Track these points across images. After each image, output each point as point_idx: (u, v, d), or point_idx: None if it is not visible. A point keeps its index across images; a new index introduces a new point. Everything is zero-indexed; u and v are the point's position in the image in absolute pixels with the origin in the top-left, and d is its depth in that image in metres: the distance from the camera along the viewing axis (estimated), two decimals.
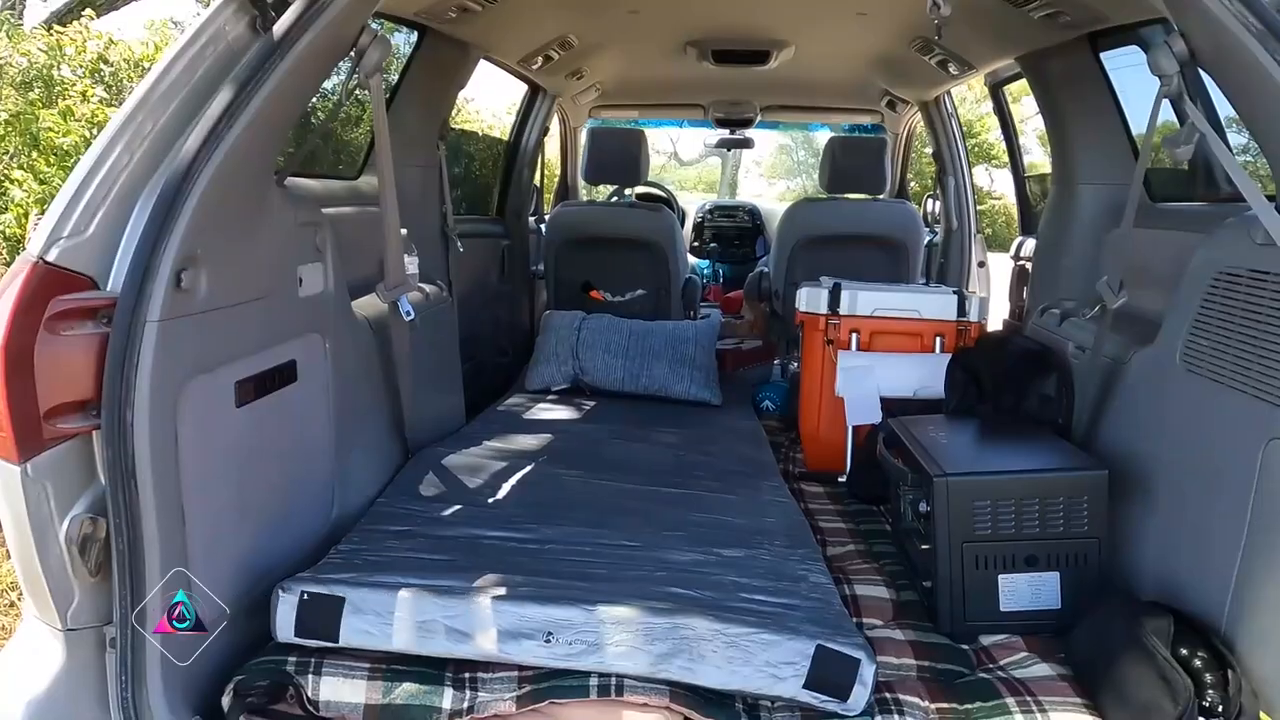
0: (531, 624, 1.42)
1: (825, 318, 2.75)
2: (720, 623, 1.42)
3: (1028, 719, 1.40)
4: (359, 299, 2.14)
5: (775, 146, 19.25)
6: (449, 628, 1.42)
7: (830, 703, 1.39)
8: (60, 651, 1.29)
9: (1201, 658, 1.35)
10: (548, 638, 1.41)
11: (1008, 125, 3.75)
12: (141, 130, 1.33)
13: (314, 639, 1.44)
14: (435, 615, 1.43)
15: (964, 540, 1.70)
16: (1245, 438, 1.39)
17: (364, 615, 1.43)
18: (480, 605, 1.43)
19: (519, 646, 1.41)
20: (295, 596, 1.44)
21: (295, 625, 1.44)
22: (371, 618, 1.43)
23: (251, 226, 1.58)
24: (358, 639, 1.43)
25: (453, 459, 2.30)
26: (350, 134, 3.32)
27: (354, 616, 1.43)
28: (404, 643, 1.43)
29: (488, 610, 1.43)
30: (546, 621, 1.42)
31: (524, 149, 3.94)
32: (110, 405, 1.26)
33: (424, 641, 1.42)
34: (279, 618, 1.44)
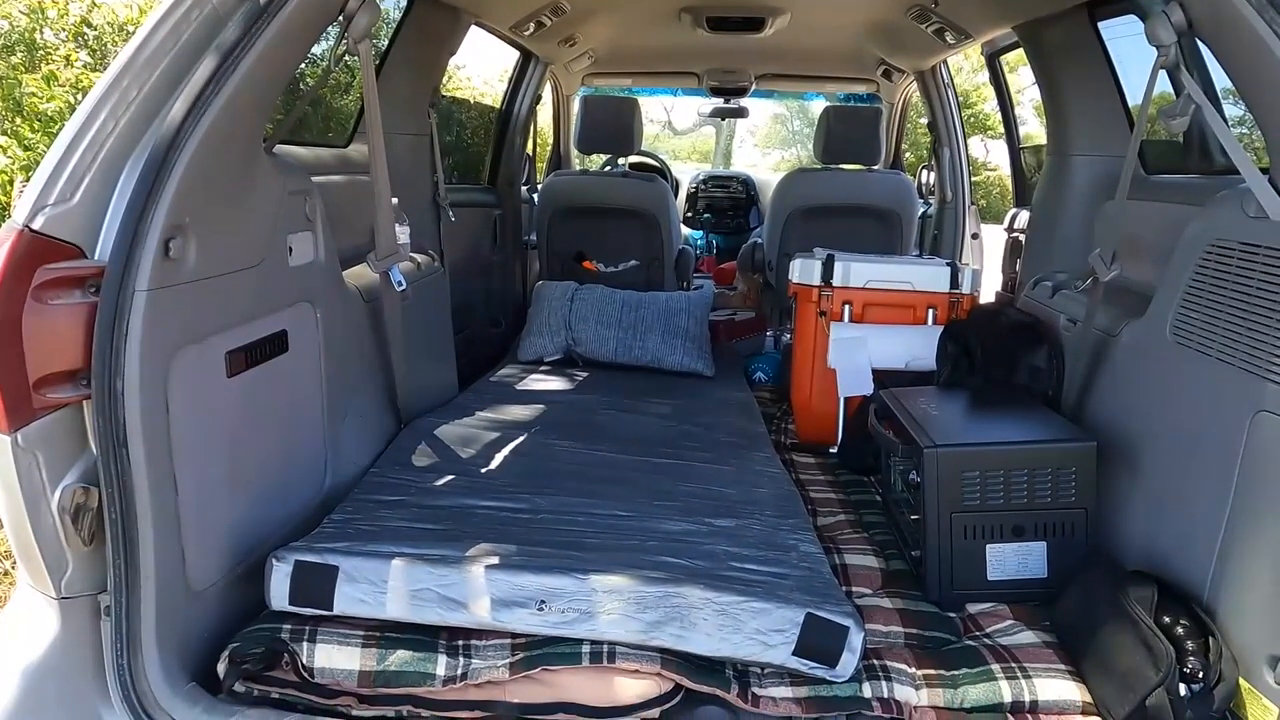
0: (524, 592, 1.43)
1: (818, 289, 2.75)
2: (711, 591, 1.44)
3: (1012, 685, 1.43)
4: (350, 269, 2.13)
5: (770, 116, 19.07)
6: (442, 596, 1.43)
7: (819, 669, 1.41)
8: (55, 620, 1.30)
9: (1184, 625, 1.37)
10: (540, 606, 1.42)
11: (1004, 95, 3.73)
12: (126, 96, 1.31)
13: (308, 607, 1.45)
14: (429, 584, 1.44)
15: (953, 510, 1.72)
16: (1233, 410, 1.40)
17: (358, 584, 1.44)
18: (473, 574, 1.45)
19: (512, 614, 1.43)
20: (289, 566, 1.45)
21: (289, 594, 1.45)
22: (365, 586, 1.44)
23: (240, 195, 1.56)
24: (351, 607, 1.44)
25: (445, 429, 2.30)
26: (339, 101, 3.27)
27: (348, 585, 1.44)
28: (397, 611, 1.44)
29: (481, 579, 1.44)
30: (539, 590, 1.43)
31: (516, 117, 3.90)
32: (100, 375, 1.26)
33: (417, 610, 1.44)
34: (273, 587, 1.45)
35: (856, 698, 1.41)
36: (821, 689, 1.42)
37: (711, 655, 1.42)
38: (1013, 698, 1.41)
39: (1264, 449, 1.34)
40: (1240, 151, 1.46)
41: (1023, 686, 1.43)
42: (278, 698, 1.41)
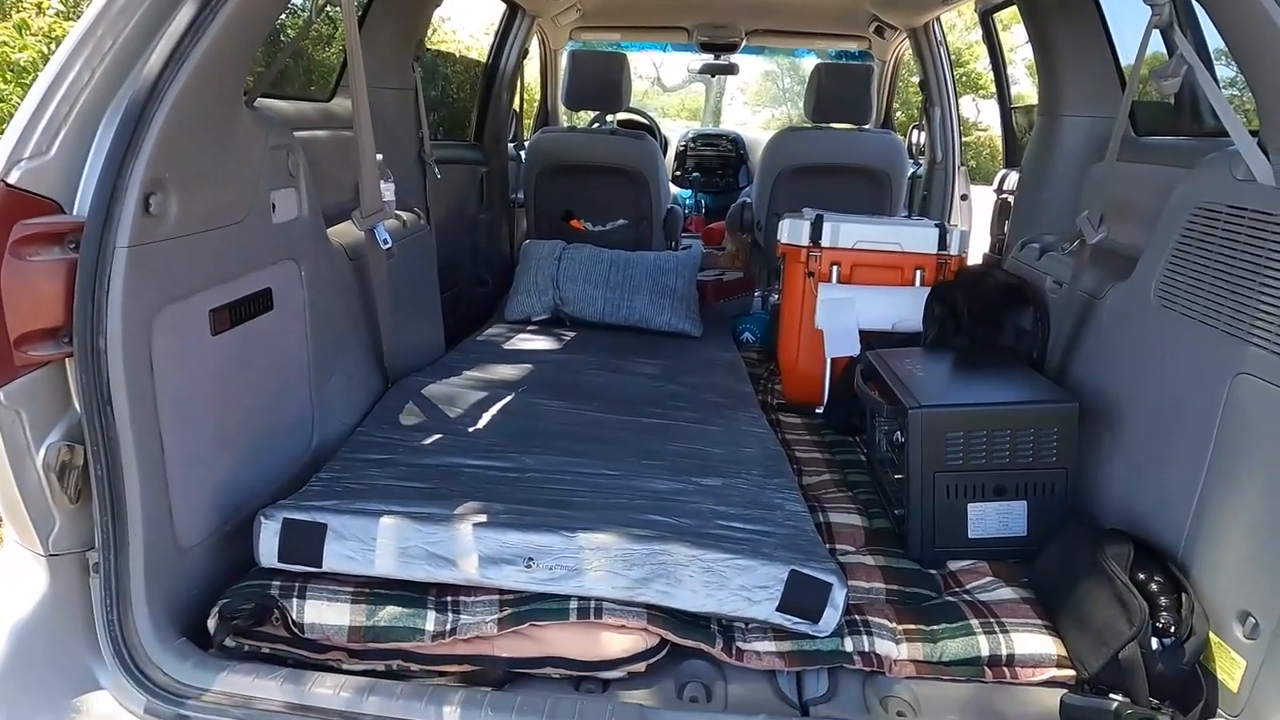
0: (512, 550, 1.44)
1: (806, 250, 2.74)
2: (697, 549, 1.46)
3: (990, 639, 1.46)
4: (334, 226, 2.10)
5: (760, 73, 18.84)
6: (430, 553, 1.45)
7: (802, 624, 1.44)
8: (44, 577, 1.30)
9: (1158, 582, 1.40)
10: (528, 563, 1.44)
11: (997, 54, 3.69)
12: (101, 46, 1.27)
13: (297, 564, 1.46)
14: (417, 541, 1.45)
15: (936, 470, 1.74)
16: (1213, 372, 1.42)
17: (346, 541, 1.45)
18: (461, 532, 1.46)
19: (499, 572, 1.44)
20: (277, 524, 1.46)
21: (278, 551, 1.46)
22: (354, 544, 1.45)
23: (221, 149, 1.53)
24: (340, 565, 1.45)
25: (433, 388, 2.30)
26: (321, 53, 3.20)
27: (336, 543, 1.45)
28: (386, 568, 1.45)
29: (469, 537, 1.45)
30: (527, 547, 1.44)
31: (502, 72, 3.83)
32: (82, 332, 1.24)
33: (406, 567, 1.45)
34: (262, 544, 1.46)
35: (838, 651, 1.44)
36: (804, 643, 1.45)
37: (697, 611, 1.45)
38: (990, 651, 1.45)
39: (1242, 410, 1.36)
40: (1231, 114, 1.45)
41: (1000, 641, 1.46)
42: (268, 652, 1.42)
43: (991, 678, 1.43)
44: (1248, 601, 1.28)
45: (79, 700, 1.28)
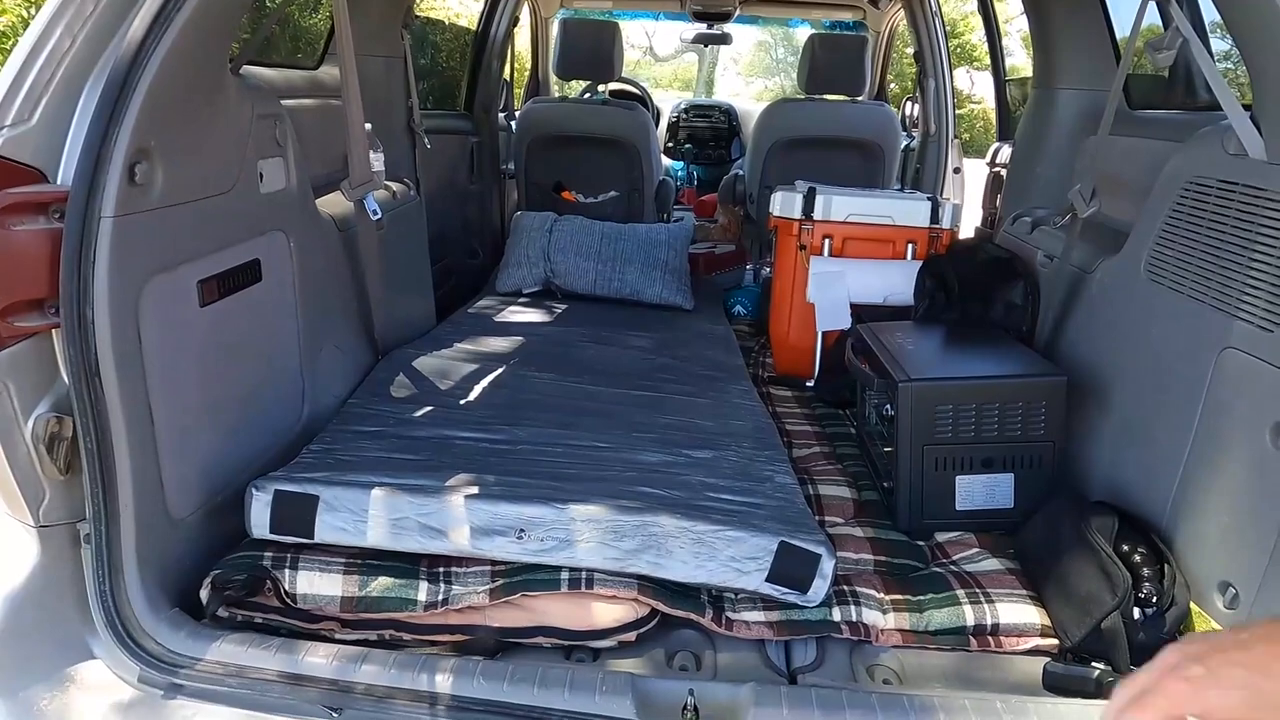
0: (503, 521, 1.45)
1: (799, 223, 2.73)
2: (687, 520, 1.47)
3: (975, 609, 1.49)
4: (323, 197, 2.08)
5: (754, 43, 18.64)
6: (422, 525, 1.45)
7: (791, 594, 1.45)
8: (35, 548, 1.30)
9: (1141, 553, 1.42)
10: (520, 534, 1.45)
11: (992, 25, 3.66)
12: (83, 11, 1.25)
13: (289, 535, 1.46)
14: (409, 513, 1.46)
15: (925, 443, 1.75)
16: (1200, 346, 1.43)
17: (338, 513, 1.45)
18: (453, 503, 1.46)
19: (491, 543, 1.45)
20: (269, 495, 1.46)
21: (270, 523, 1.46)
22: (346, 515, 1.45)
23: (207, 117, 1.51)
24: (332, 536, 1.46)
25: (424, 361, 2.29)
26: (308, 20, 3.15)
27: (328, 514, 1.45)
28: (378, 540, 1.46)
29: (460, 508, 1.46)
30: (518, 519, 1.45)
31: (493, 40, 3.78)
32: (68, 303, 1.23)
33: (397, 538, 1.46)
34: (253, 515, 1.46)
35: (826, 621, 1.46)
36: (793, 613, 1.47)
37: (687, 582, 1.46)
38: (975, 621, 1.47)
39: (1228, 384, 1.37)
40: (1225, 87, 1.45)
41: (985, 610, 1.48)
42: (261, 623, 1.43)
43: (976, 647, 1.46)
44: (1228, 572, 1.31)
45: (72, 670, 1.29)
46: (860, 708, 1.20)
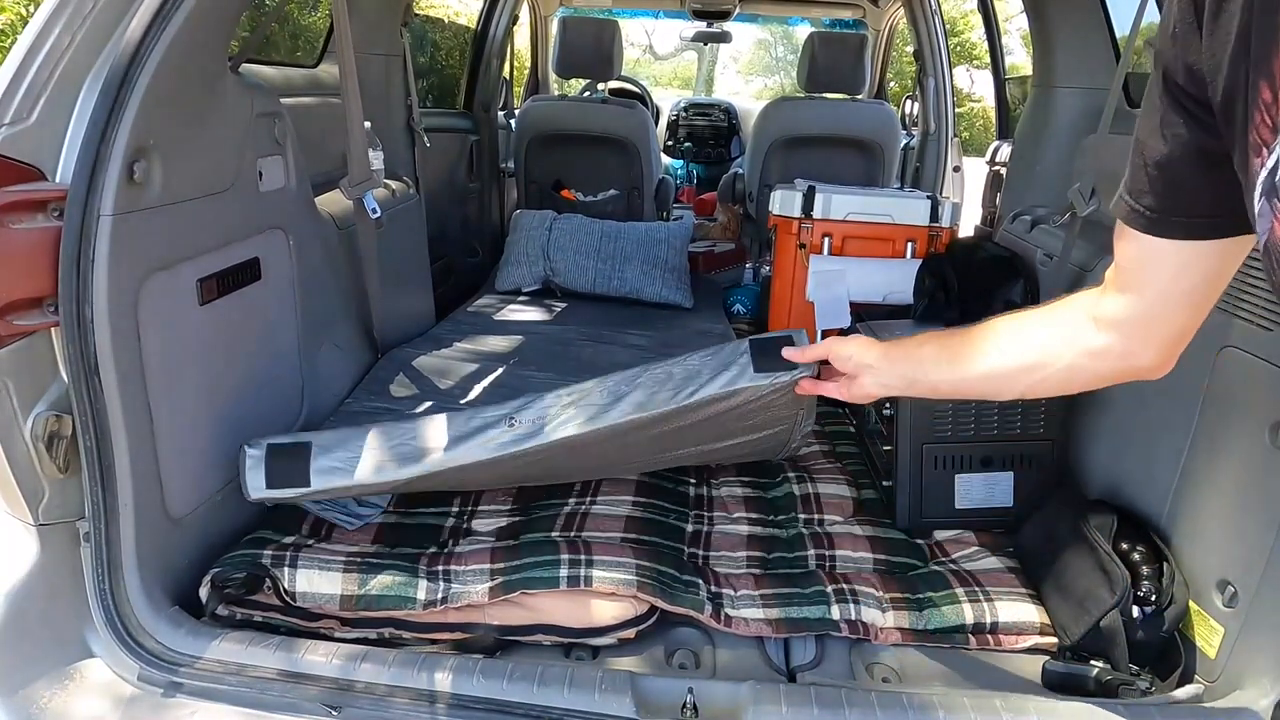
0: (494, 417, 1.47)
1: (798, 221, 2.73)
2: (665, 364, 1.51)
3: (974, 607, 1.49)
4: (322, 195, 2.08)
5: (754, 42, 18.65)
6: (417, 447, 1.46)
7: (784, 375, 1.46)
8: (34, 546, 1.30)
9: (1140, 552, 1.43)
10: (511, 421, 1.45)
11: (992, 23, 3.66)
12: (82, 9, 1.24)
13: (286, 487, 1.46)
14: (402, 439, 1.47)
15: (924, 442, 1.75)
16: (1200, 345, 1.41)
17: (332, 453, 1.46)
18: (443, 419, 1.49)
19: (485, 438, 1.45)
20: (261, 451, 1.46)
21: (265, 476, 1.46)
22: (340, 454, 1.46)
23: (206, 116, 1.51)
24: (330, 479, 1.45)
25: (423, 360, 2.30)
26: (307, 18, 3.15)
27: (323, 458, 1.45)
28: (374, 470, 1.45)
29: (454, 417, 1.49)
30: (508, 411, 1.48)
31: (492, 39, 3.78)
32: (67, 301, 1.23)
33: (395, 466, 1.46)
34: (248, 474, 1.46)
35: (825, 619, 1.46)
36: (792, 610, 1.47)
37: (683, 404, 1.47)
38: (974, 619, 1.47)
39: (1226, 383, 1.37)
40: None
41: (984, 609, 1.48)
42: (260, 621, 1.43)
43: (975, 645, 1.46)
44: (1227, 571, 1.31)
45: (72, 668, 1.29)
46: (859, 706, 1.20)
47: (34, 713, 1.23)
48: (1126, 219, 0.89)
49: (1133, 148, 0.87)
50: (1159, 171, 0.83)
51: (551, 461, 1.59)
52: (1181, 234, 0.86)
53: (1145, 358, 0.98)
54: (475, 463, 1.47)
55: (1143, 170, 0.85)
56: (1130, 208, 0.88)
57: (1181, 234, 0.86)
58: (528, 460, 1.49)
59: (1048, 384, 1.08)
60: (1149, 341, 0.97)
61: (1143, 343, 0.97)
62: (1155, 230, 0.87)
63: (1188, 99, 0.77)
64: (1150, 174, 0.84)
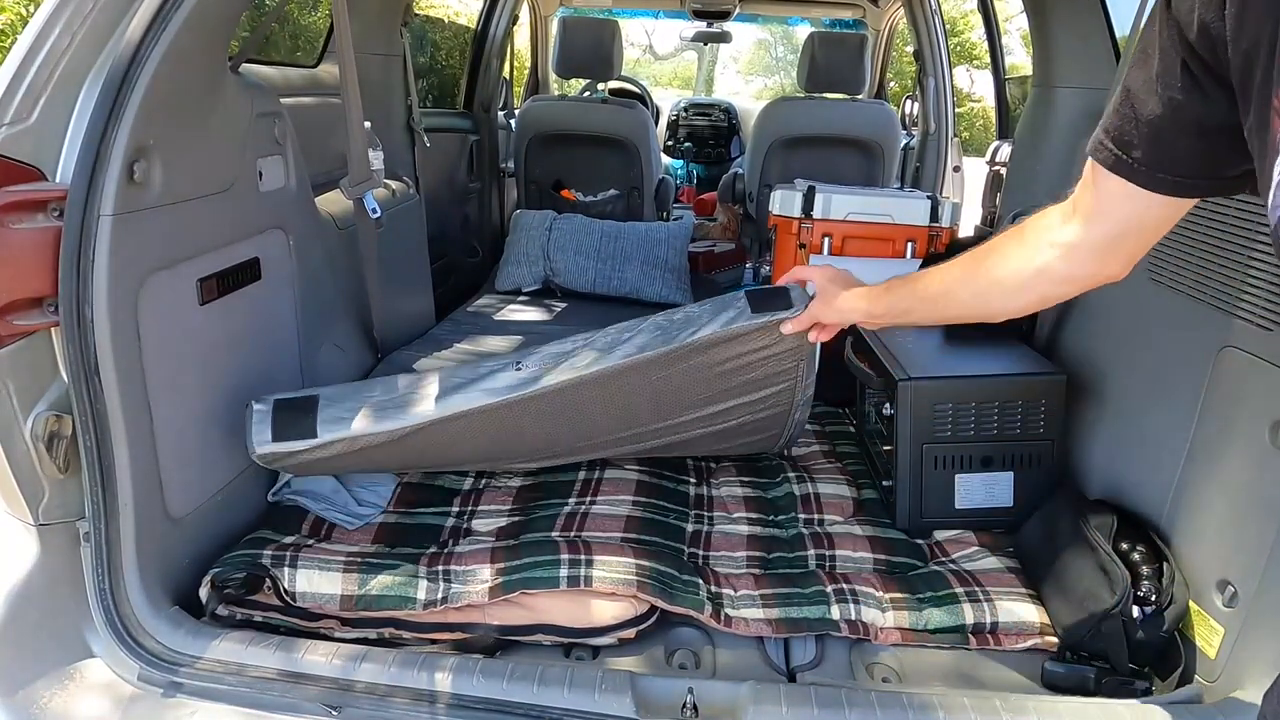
0: (501, 362, 1.50)
1: (798, 221, 2.73)
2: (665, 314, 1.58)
3: (974, 607, 1.49)
4: (322, 195, 2.08)
5: (753, 42, 18.66)
6: (422, 394, 1.48)
7: (781, 314, 1.55)
8: (34, 546, 1.30)
9: (1140, 552, 1.42)
10: (518, 365, 1.47)
11: (991, 23, 3.66)
12: (82, 9, 1.24)
13: (292, 440, 1.47)
14: (410, 389, 1.48)
15: (924, 442, 1.75)
16: (1200, 345, 1.43)
17: (338, 404, 1.47)
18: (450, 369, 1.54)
19: (494, 382, 1.48)
20: (268, 405, 1.47)
21: (271, 430, 1.46)
22: (347, 404, 1.49)
23: (206, 116, 1.51)
24: (335, 430, 1.47)
25: (423, 362, 2.29)
26: (307, 18, 3.15)
27: (330, 408, 1.47)
28: (385, 418, 1.47)
29: (459, 368, 1.53)
30: (514, 358, 1.52)
31: (492, 39, 3.78)
32: (67, 301, 1.23)
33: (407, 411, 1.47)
34: (254, 428, 1.47)
35: (825, 619, 1.46)
36: (792, 610, 1.47)
37: (683, 344, 1.53)
38: (974, 619, 1.47)
39: (1227, 382, 1.37)
40: None
41: (984, 609, 1.48)
42: (260, 621, 1.43)
43: (975, 645, 1.46)
44: (1227, 571, 1.31)
45: (72, 668, 1.29)
46: (859, 706, 1.20)
47: (34, 713, 1.23)
48: (1113, 168, 0.90)
49: (1120, 95, 0.87)
50: (1149, 129, 0.84)
51: (553, 421, 1.60)
52: (1167, 190, 0.88)
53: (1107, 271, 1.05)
54: (480, 410, 1.47)
55: (1132, 123, 0.86)
56: (1117, 157, 0.89)
57: (1167, 190, 0.88)
58: (531, 413, 1.50)
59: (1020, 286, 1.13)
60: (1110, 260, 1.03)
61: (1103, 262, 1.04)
62: (1138, 180, 0.88)
63: (1194, 59, 0.76)
64: (1140, 130, 0.85)
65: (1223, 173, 0.82)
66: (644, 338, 1.49)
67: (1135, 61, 0.85)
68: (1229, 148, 0.76)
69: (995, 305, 1.20)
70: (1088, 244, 1.02)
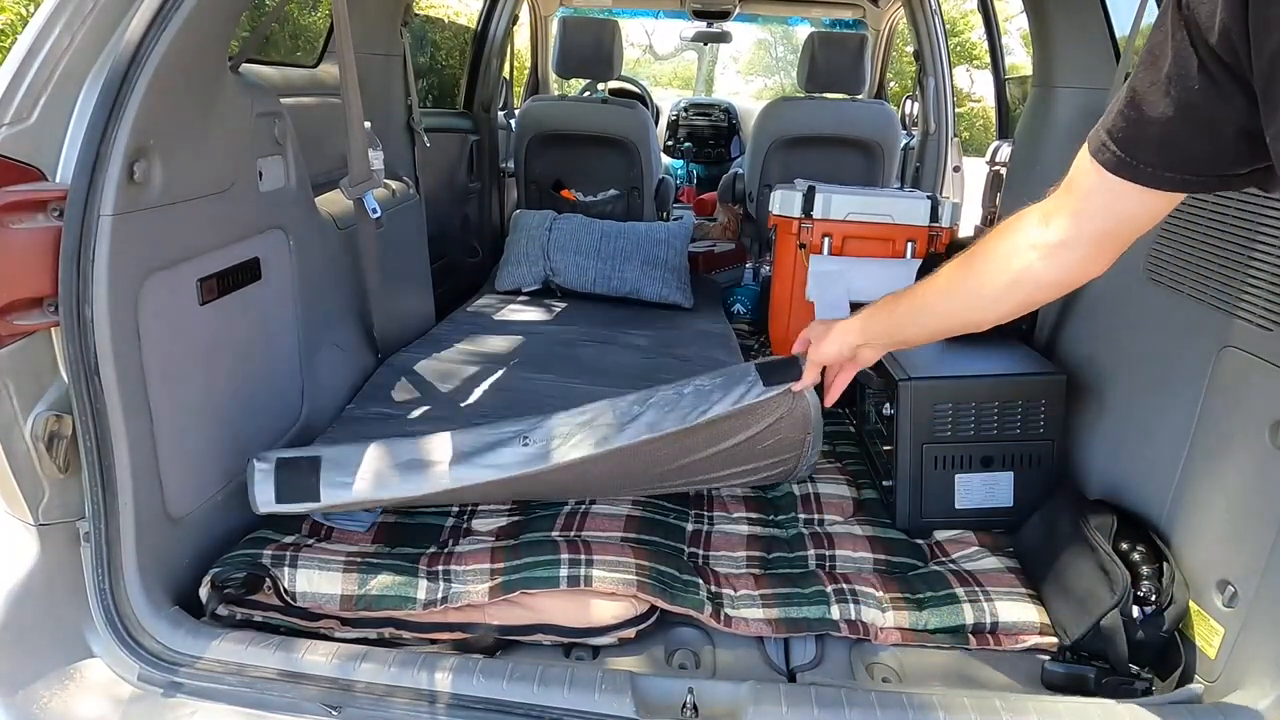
0: (508, 434, 1.47)
1: (798, 221, 2.73)
2: (676, 386, 1.57)
3: (974, 607, 1.49)
4: (322, 195, 2.08)
5: (753, 42, 18.67)
6: (426, 461, 1.46)
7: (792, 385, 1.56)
8: (34, 546, 1.30)
9: (1140, 552, 1.42)
10: (524, 440, 1.45)
11: (991, 23, 3.66)
12: (82, 9, 1.24)
13: (295, 503, 1.46)
14: (413, 454, 1.46)
15: (924, 442, 1.75)
16: (1200, 345, 1.43)
17: (343, 468, 1.45)
18: (457, 436, 1.51)
19: (499, 456, 1.45)
20: (270, 464, 1.45)
21: (275, 491, 1.45)
22: (350, 468, 1.45)
23: (206, 116, 1.51)
24: (339, 494, 1.45)
25: (424, 364, 2.30)
26: (307, 18, 3.15)
27: (333, 471, 1.45)
28: (386, 487, 1.45)
29: (465, 436, 1.50)
30: (521, 429, 1.49)
31: (492, 39, 3.78)
32: (68, 301, 1.23)
33: (408, 481, 1.45)
34: (257, 488, 1.45)
35: (825, 619, 1.46)
36: (792, 610, 1.47)
37: (696, 421, 1.52)
38: (974, 619, 1.47)
39: (1227, 382, 1.37)
40: None
41: (984, 609, 1.48)
42: (260, 621, 1.43)
43: (975, 645, 1.46)
44: (1227, 571, 1.31)
45: (72, 668, 1.29)
46: (859, 706, 1.20)
47: (34, 713, 1.23)
48: (1115, 169, 0.89)
49: (1125, 97, 0.87)
50: (1157, 129, 0.83)
51: (561, 481, 1.59)
52: (1174, 188, 0.88)
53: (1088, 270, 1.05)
54: (486, 482, 1.47)
55: (1138, 125, 0.85)
56: (1119, 158, 0.88)
57: (1174, 188, 0.88)
58: (538, 481, 1.49)
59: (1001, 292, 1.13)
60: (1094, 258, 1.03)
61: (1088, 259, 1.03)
62: (1146, 181, 0.88)
63: (1214, 61, 0.75)
64: (1149, 131, 0.84)
65: (1232, 170, 0.81)
66: (653, 414, 1.47)
67: (1142, 64, 0.84)
68: (1241, 148, 0.76)
69: (976, 315, 1.20)
70: (1074, 243, 1.01)
